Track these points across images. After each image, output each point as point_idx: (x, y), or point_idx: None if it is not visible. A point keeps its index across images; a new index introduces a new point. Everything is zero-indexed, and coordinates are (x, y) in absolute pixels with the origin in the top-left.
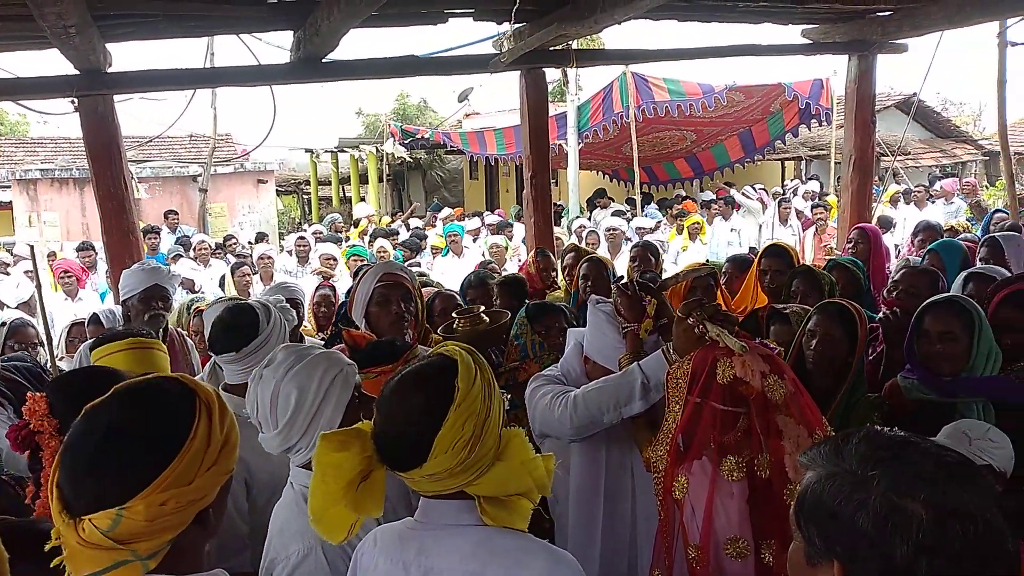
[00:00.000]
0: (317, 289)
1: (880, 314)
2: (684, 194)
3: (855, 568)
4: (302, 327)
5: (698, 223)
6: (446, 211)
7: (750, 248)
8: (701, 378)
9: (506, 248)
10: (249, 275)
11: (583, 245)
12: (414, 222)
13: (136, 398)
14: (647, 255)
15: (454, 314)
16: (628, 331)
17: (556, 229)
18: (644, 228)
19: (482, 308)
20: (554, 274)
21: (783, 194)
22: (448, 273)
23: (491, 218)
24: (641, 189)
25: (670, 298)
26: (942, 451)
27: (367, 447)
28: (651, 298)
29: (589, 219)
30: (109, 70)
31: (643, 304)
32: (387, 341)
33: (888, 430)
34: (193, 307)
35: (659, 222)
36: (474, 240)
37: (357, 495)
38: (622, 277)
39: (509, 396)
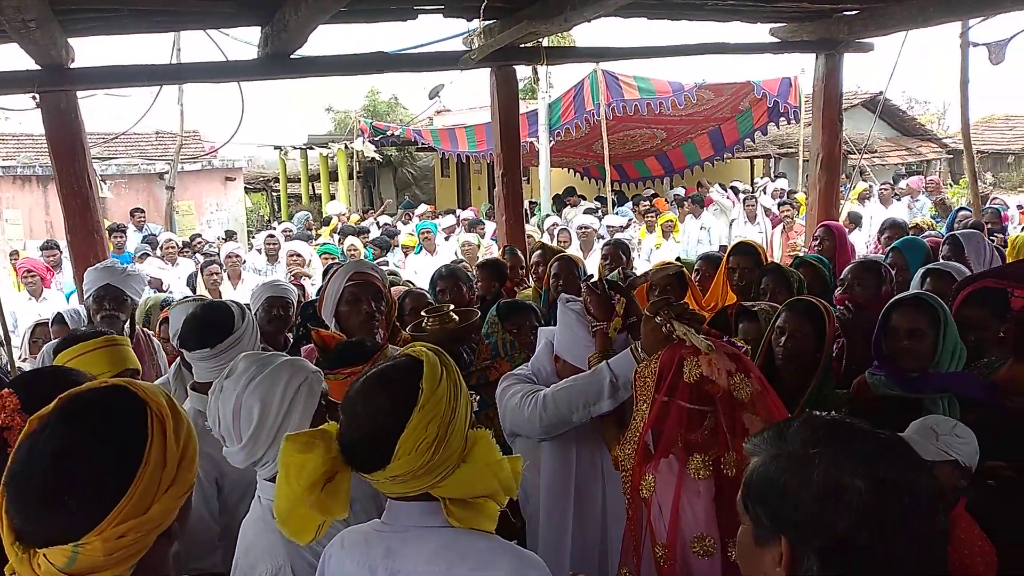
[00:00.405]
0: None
1: (836, 311)
2: (654, 192)
3: (801, 542)
4: None
5: (671, 221)
6: (422, 207)
7: (721, 246)
8: (668, 376)
9: (478, 246)
10: (219, 274)
11: (555, 243)
12: (384, 219)
13: (82, 418)
14: (618, 253)
15: (423, 312)
16: (597, 330)
17: (527, 227)
18: (615, 226)
19: (451, 307)
20: (522, 272)
21: (751, 192)
22: (421, 271)
23: (466, 214)
24: (612, 187)
25: (639, 297)
26: (876, 431)
27: (332, 448)
28: (620, 297)
29: (560, 217)
30: (72, 65)
31: (612, 303)
32: (356, 342)
33: (826, 415)
34: (161, 306)
35: (630, 220)
36: (447, 238)
37: (322, 496)
38: (592, 276)
39: (478, 397)
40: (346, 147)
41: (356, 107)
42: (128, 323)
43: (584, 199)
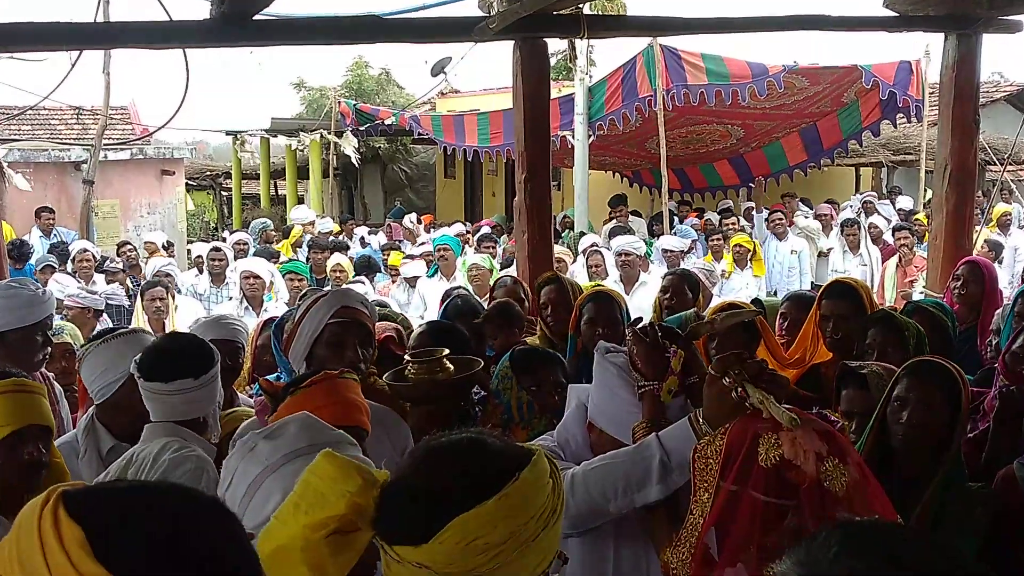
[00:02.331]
0: (263, 328)
1: (997, 386)
2: (729, 207)
3: None
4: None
5: (744, 245)
6: (410, 217)
7: (812, 284)
8: (739, 458)
9: (490, 270)
10: (164, 301)
11: (586, 268)
12: (360, 230)
13: None
14: (683, 287)
15: (407, 357)
16: (646, 391)
17: (557, 247)
18: (673, 251)
19: (446, 352)
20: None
21: (855, 212)
22: (434, 300)
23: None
24: (670, 197)
25: (701, 350)
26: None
27: (368, 495)
28: (677, 348)
29: (601, 235)
30: None
31: (666, 356)
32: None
33: (883, 523)
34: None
35: (694, 242)
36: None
37: (322, 545)
38: (639, 319)
39: None
40: (321, 136)
41: (335, 83)
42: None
43: (638, 215)
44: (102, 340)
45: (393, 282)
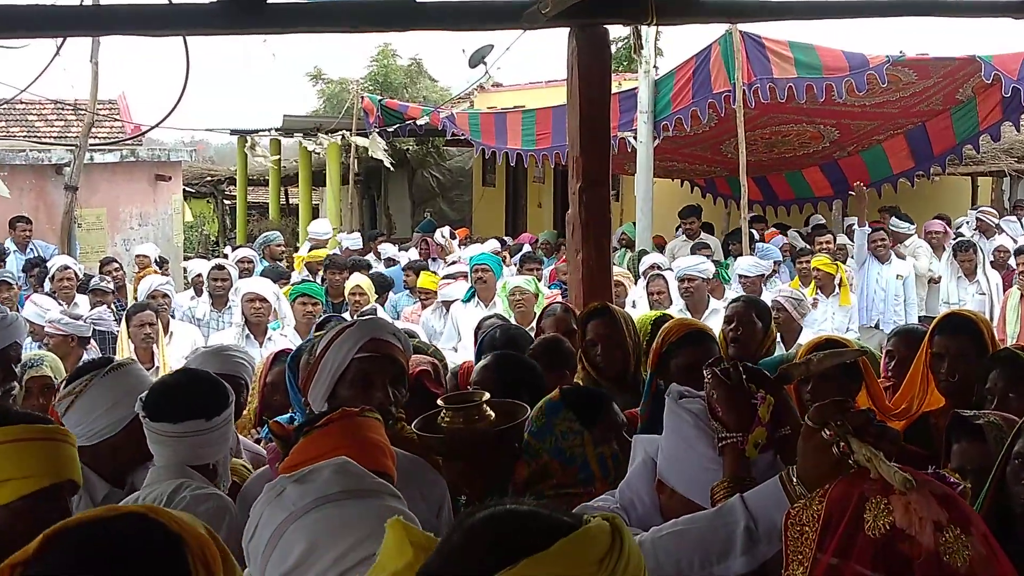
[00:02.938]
0: (273, 362)
1: None
2: (822, 221)
3: None
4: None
5: (825, 269)
6: (439, 232)
7: (921, 317)
8: (841, 526)
9: (536, 295)
10: (154, 326)
11: (647, 291)
12: (387, 247)
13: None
14: (750, 315)
15: (439, 401)
16: (727, 444)
17: (616, 269)
18: (750, 276)
19: (486, 396)
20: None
21: (971, 231)
22: (469, 329)
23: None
24: (750, 209)
25: (795, 394)
26: None
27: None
28: (766, 393)
29: (665, 254)
30: None
31: (753, 402)
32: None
33: None
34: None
35: (777, 263)
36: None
37: None
38: (718, 358)
39: None
40: (342, 137)
41: (357, 75)
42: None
43: (709, 229)
44: (90, 376)
45: (424, 306)
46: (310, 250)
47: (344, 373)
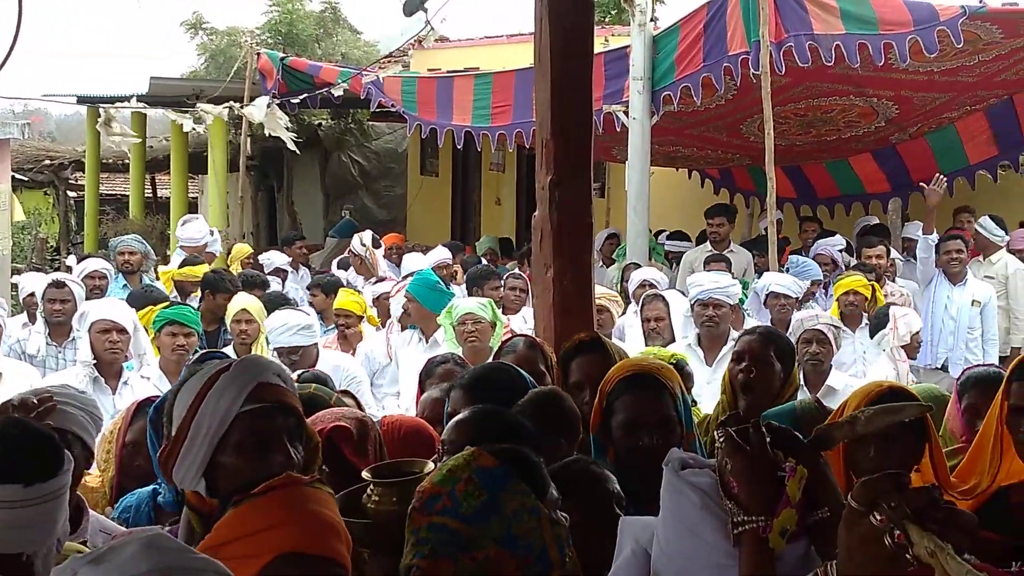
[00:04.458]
0: (135, 415)
1: None
2: (875, 223)
3: None
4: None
5: (860, 291)
6: (362, 237)
7: (1003, 358)
8: None
9: (493, 324)
10: None
11: (640, 318)
12: (275, 257)
13: None
14: (767, 353)
15: (364, 474)
16: (745, 531)
17: (599, 288)
18: (787, 295)
19: (429, 465)
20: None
21: None
22: (411, 374)
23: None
24: (779, 208)
25: (836, 463)
26: None
27: None
28: (796, 464)
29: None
30: None
31: (780, 476)
32: None
33: None
34: None
35: (815, 283)
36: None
37: None
38: (737, 415)
39: None
40: (230, 109)
41: (252, 24)
42: None
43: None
44: None
45: (343, 336)
46: (183, 263)
47: (227, 434)
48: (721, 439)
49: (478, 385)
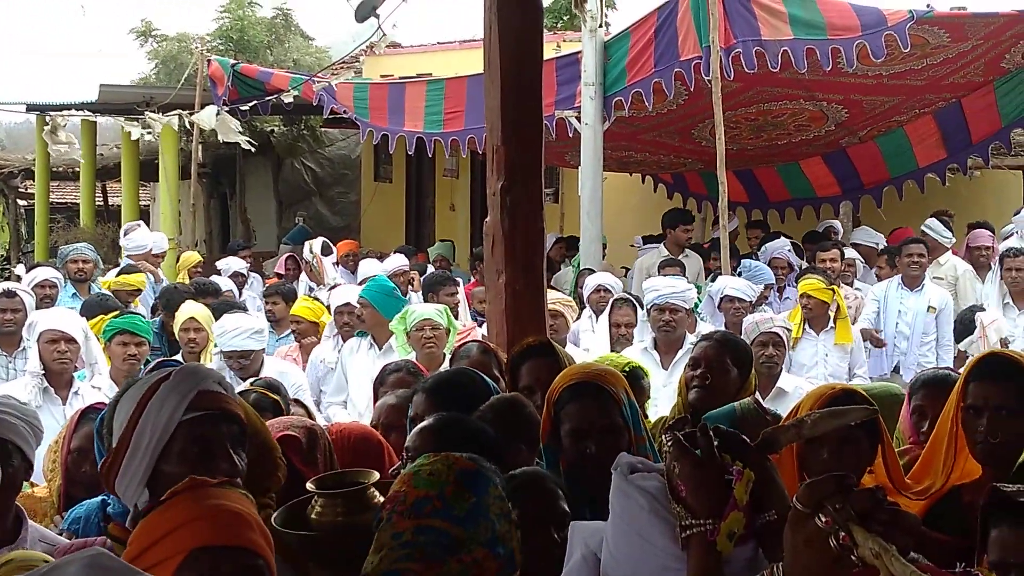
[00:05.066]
0: (79, 422)
1: None
2: (833, 226)
3: None
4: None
5: (818, 296)
6: (314, 244)
7: (959, 353)
8: None
9: (448, 330)
10: None
11: (609, 323)
12: (232, 262)
13: None
14: (723, 359)
15: (309, 485)
16: (693, 535)
17: (552, 294)
18: (739, 299)
19: (374, 475)
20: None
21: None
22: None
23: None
24: (731, 213)
25: (783, 465)
26: None
27: None
28: (743, 467)
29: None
30: None
31: (728, 479)
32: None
33: None
34: None
35: (768, 287)
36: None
37: None
38: (683, 418)
39: None
40: (180, 118)
41: (202, 30)
42: None
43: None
44: None
45: (301, 344)
46: (119, 272)
47: (169, 443)
48: (669, 443)
49: (440, 390)
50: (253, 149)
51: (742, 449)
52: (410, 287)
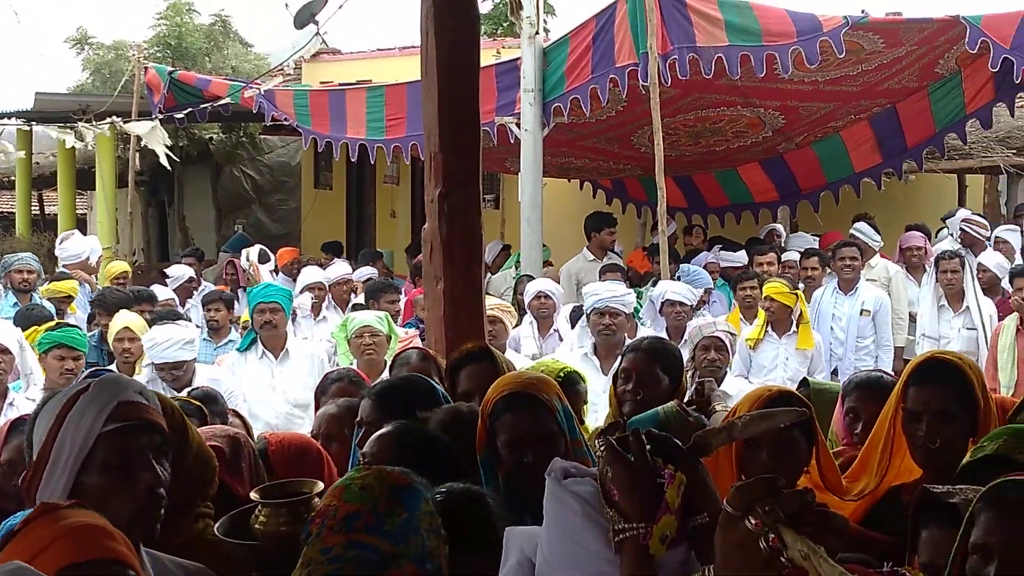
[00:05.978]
0: (9, 434)
1: None
2: (775, 229)
3: None
4: None
5: (780, 300)
6: (252, 251)
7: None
8: None
9: (389, 337)
10: None
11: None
12: (183, 269)
13: None
14: (653, 368)
15: (252, 495)
16: (626, 539)
17: (491, 300)
18: (685, 302)
19: (318, 485)
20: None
21: (956, 243)
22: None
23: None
24: (670, 218)
25: (720, 470)
26: None
27: None
28: (675, 470)
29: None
30: None
31: (659, 483)
32: None
33: None
34: None
35: (707, 291)
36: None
37: None
38: (616, 423)
39: None
40: (115, 126)
41: (139, 37)
42: None
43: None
44: None
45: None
46: (52, 279)
47: (90, 455)
48: (601, 448)
49: (388, 395)
50: (169, 166)
51: (674, 452)
52: (353, 295)
